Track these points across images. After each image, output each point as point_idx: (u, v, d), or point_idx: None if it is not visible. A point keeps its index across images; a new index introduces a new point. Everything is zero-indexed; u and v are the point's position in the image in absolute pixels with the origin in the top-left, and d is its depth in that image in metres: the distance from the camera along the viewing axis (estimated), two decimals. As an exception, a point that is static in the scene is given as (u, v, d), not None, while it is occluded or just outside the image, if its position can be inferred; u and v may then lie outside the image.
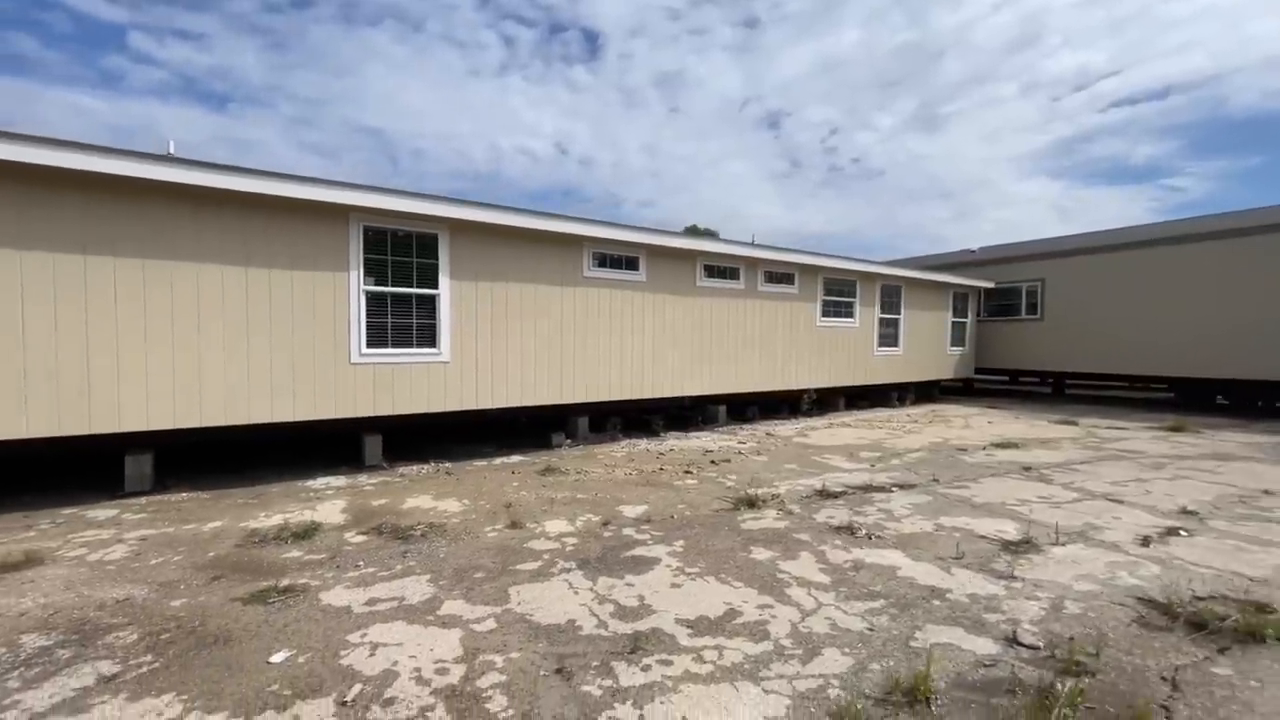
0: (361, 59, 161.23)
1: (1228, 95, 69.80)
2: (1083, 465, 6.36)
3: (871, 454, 7.02)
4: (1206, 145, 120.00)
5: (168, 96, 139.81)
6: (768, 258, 9.14)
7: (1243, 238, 10.40)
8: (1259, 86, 67.56)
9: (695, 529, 4.19)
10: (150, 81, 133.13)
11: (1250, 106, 75.83)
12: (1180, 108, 70.21)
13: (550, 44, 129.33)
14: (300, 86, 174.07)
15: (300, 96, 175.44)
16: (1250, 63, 64.49)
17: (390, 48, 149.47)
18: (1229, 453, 7.07)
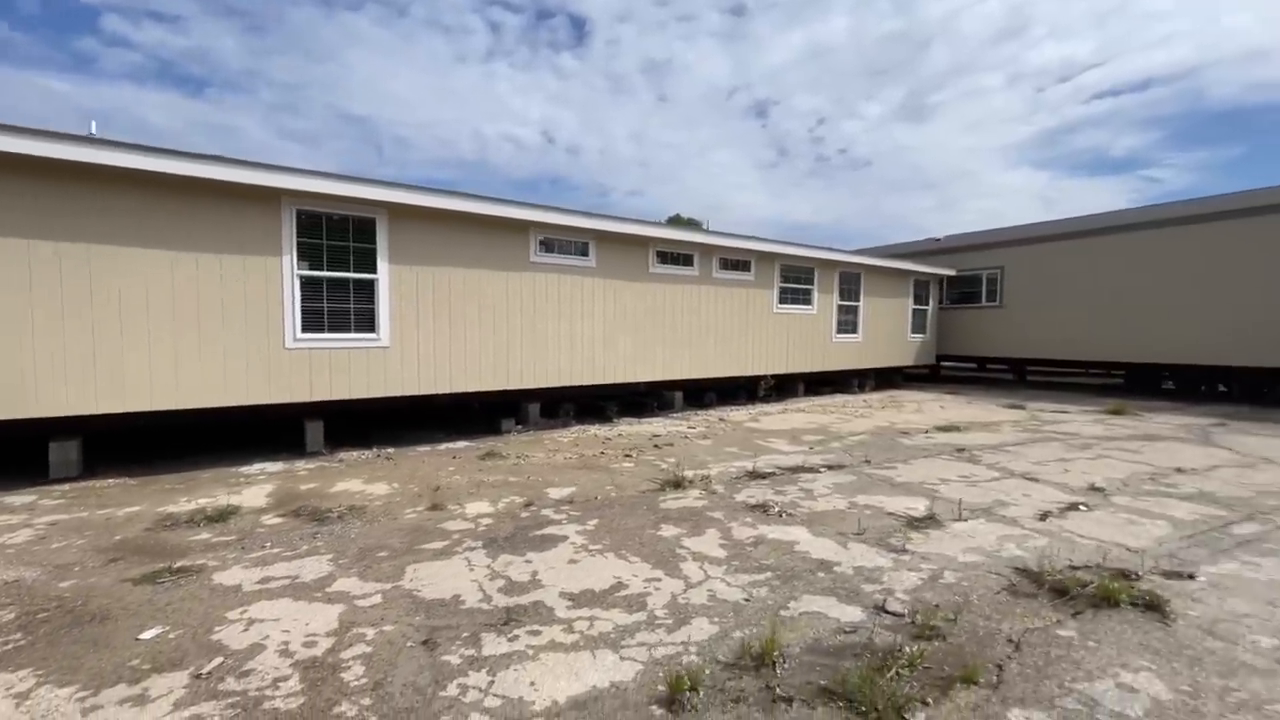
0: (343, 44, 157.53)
1: (1206, 87, 71.14)
2: (1014, 447, 6.53)
3: (815, 437, 7.14)
4: (1186, 137, 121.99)
5: (143, 80, 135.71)
6: (722, 244, 9.18)
7: (1184, 226, 10.64)
8: (1237, 79, 68.72)
9: (614, 509, 4.25)
10: (124, 65, 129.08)
11: (1229, 99, 77.18)
12: (1161, 100, 71.41)
13: (537, 30, 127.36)
14: (280, 72, 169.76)
15: (280, 82, 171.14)
16: (1228, 55, 65.56)
17: (372, 32, 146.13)
18: (1157, 434, 7.29)
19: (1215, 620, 2.56)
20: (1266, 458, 5.96)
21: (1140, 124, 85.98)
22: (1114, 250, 11.66)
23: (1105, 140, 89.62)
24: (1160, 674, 2.16)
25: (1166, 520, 3.94)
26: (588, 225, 7.54)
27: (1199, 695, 2.03)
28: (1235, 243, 10.07)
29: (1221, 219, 10.24)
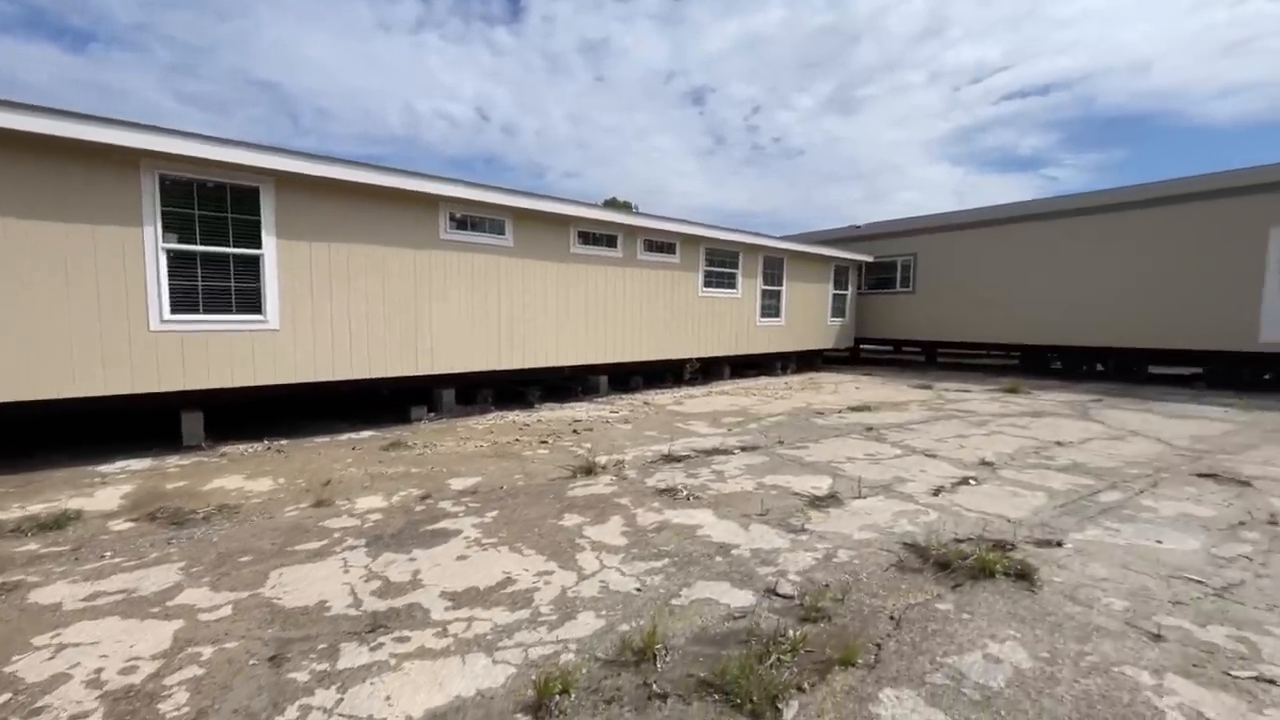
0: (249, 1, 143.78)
1: (1099, 95, 78.35)
2: (919, 425, 6.83)
3: (734, 419, 7.20)
4: (1081, 139, 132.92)
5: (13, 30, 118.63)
6: (647, 226, 9.05)
7: (1067, 219, 11.50)
8: (1125, 88, 76.20)
9: (519, 498, 4.06)
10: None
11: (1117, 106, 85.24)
12: (1060, 104, 78.61)
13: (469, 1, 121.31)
14: (177, 29, 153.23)
15: (178, 41, 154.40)
16: (1118, 66, 72.26)
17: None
18: (1044, 410, 7.87)
19: (1077, 585, 2.70)
20: (1133, 430, 6.53)
21: (1042, 126, 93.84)
22: (1009, 240, 12.47)
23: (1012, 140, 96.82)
24: (1024, 642, 2.23)
25: (1044, 491, 4.19)
26: (504, 202, 7.18)
27: (1056, 661, 2.11)
28: (1109, 235, 10.99)
29: (1099, 213, 11.13)
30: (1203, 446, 5.69)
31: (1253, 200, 9.33)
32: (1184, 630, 2.31)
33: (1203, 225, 9.86)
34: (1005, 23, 66.06)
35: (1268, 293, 9.20)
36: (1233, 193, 9.55)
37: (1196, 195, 9.93)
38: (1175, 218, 10.18)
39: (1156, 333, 10.47)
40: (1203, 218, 9.86)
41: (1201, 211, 9.88)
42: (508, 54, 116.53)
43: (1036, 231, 12.06)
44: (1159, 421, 7.04)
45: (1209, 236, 9.79)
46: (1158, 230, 10.40)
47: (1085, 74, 71.81)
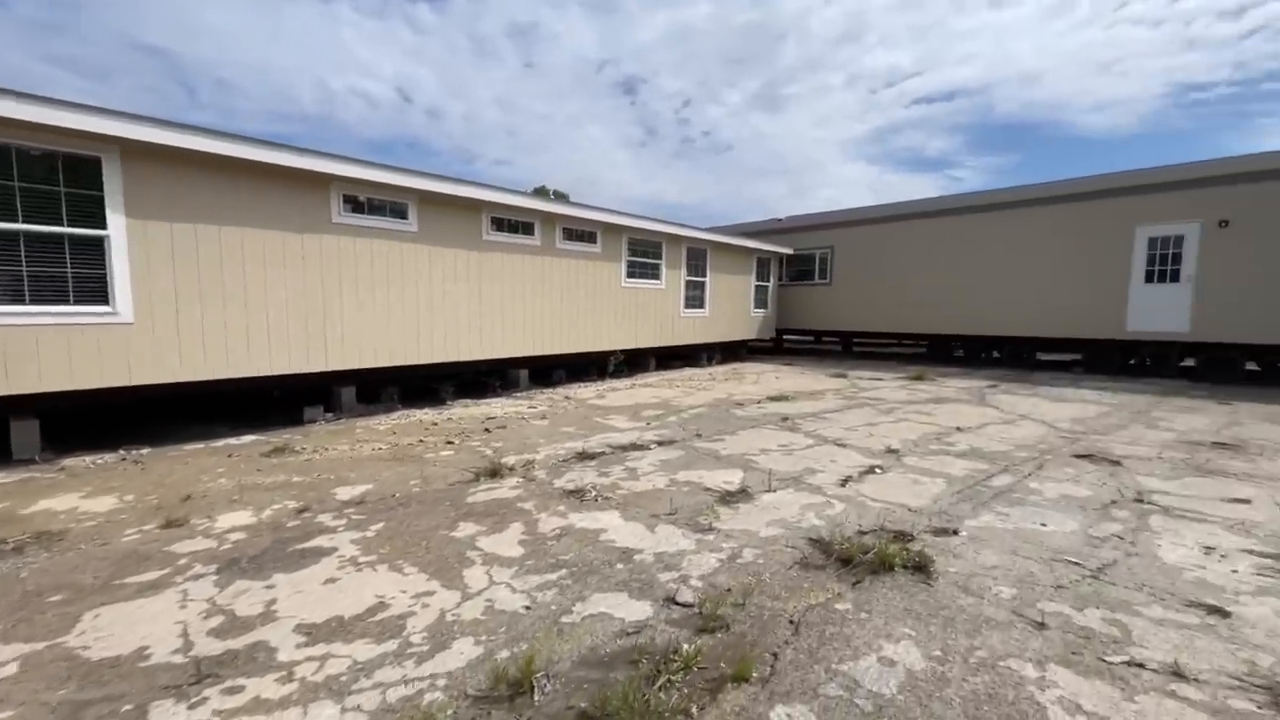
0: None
1: (995, 103, 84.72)
2: (832, 414, 6.99)
3: (655, 412, 7.08)
4: (979, 144, 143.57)
5: None
6: (566, 214, 8.73)
7: (964, 215, 12.26)
8: (1017, 98, 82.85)
9: (411, 508, 3.71)
10: None
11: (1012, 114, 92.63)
12: (962, 110, 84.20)
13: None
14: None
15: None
16: (1012, 77, 78.46)
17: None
18: (947, 396, 8.30)
19: (970, 575, 2.73)
20: (1023, 414, 6.97)
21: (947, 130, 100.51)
22: (915, 235, 13.14)
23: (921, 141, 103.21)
24: (918, 640, 2.19)
25: (944, 478, 4.32)
26: (405, 184, 6.64)
27: (947, 659, 2.07)
28: (1002, 231, 11.80)
29: (992, 210, 11.92)
30: (1080, 428, 6.14)
31: (1121, 202, 10.26)
32: (1064, 616, 2.36)
33: (1081, 224, 10.75)
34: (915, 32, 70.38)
35: (1133, 286, 10.17)
36: (1105, 194, 10.46)
37: (1075, 196, 10.80)
38: (1057, 216, 11.04)
39: (1043, 323, 11.35)
40: (1080, 217, 10.75)
41: (1079, 211, 10.76)
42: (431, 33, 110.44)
43: (939, 227, 12.76)
44: (1045, 405, 7.58)
45: (1086, 234, 10.69)
46: (1043, 228, 11.25)
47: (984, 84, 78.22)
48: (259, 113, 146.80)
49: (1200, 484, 4.15)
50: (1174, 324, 9.75)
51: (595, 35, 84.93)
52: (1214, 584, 2.65)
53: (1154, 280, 9.95)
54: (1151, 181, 9.85)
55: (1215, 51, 62.62)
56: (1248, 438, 5.67)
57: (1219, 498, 3.85)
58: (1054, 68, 70.90)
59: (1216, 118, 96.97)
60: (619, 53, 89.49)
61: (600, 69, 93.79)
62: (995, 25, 64.29)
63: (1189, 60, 63.11)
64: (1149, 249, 9.95)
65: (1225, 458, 4.91)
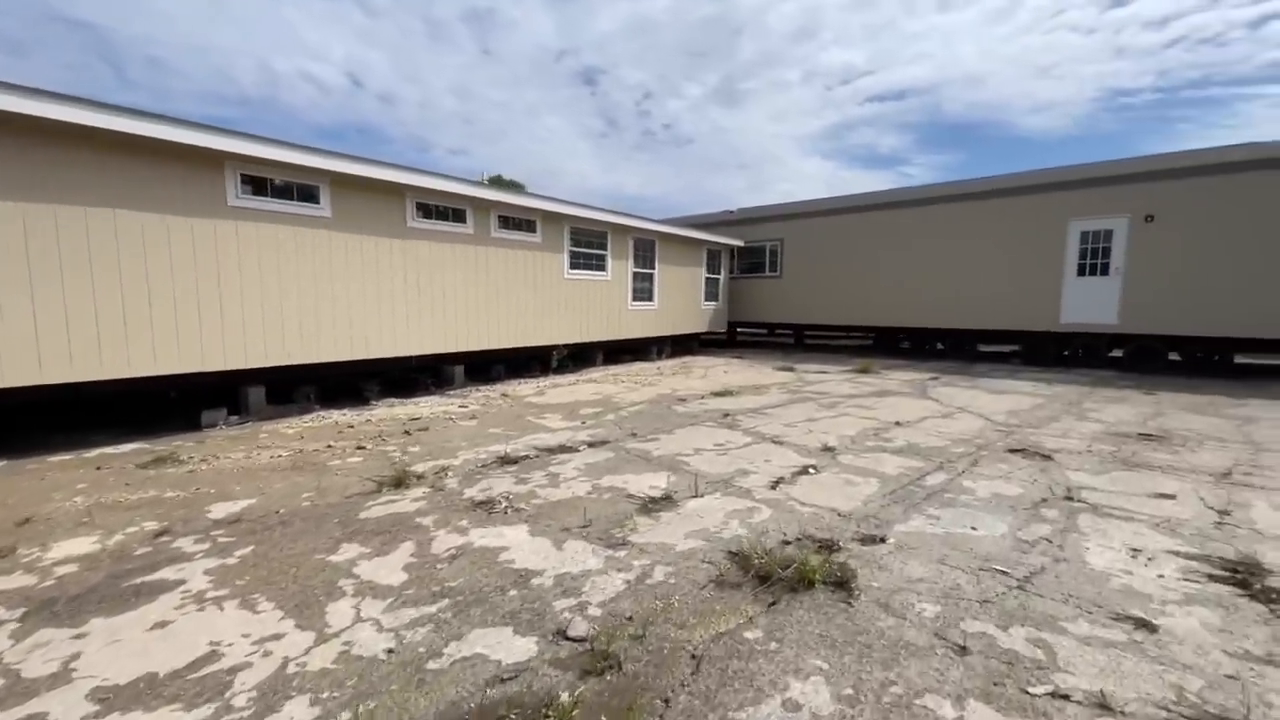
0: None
1: (942, 103, 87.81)
2: (774, 409, 6.82)
3: (594, 410, 6.76)
4: (928, 142, 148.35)
5: None
6: (500, 200, 8.26)
7: (909, 208, 12.38)
8: (964, 99, 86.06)
9: (292, 526, 3.28)
10: None
11: (957, 114, 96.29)
12: (913, 109, 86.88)
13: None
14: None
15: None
16: (958, 78, 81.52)
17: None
18: (890, 389, 8.28)
19: (893, 591, 2.53)
20: (961, 406, 6.97)
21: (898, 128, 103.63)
22: (862, 227, 13.20)
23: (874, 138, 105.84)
24: (830, 675, 1.96)
25: (877, 478, 4.16)
26: (314, 164, 6.07)
27: (859, 699, 1.84)
28: (945, 225, 11.96)
29: (935, 204, 12.06)
30: (1015, 421, 6.15)
31: (1056, 196, 10.50)
32: (988, 638, 2.17)
33: (1019, 218, 10.97)
34: (868, 31, 72.35)
35: (1067, 279, 10.45)
36: (1041, 189, 10.68)
37: (1013, 190, 11.01)
38: (997, 210, 11.24)
39: (985, 315, 11.57)
40: (1019, 211, 10.97)
41: (1018, 205, 10.98)
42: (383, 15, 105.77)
43: (884, 220, 12.85)
44: (984, 398, 7.63)
45: (1024, 228, 10.92)
46: (984, 221, 11.44)
47: (933, 84, 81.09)
48: (195, 94, 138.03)
49: (1127, 479, 4.12)
50: (1104, 316, 10.06)
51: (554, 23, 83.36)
52: (1141, 591, 2.53)
53: (1086, 273, 10.23)
54: (1084, 177, 10.10)
55: (1141, 60, 67.03)
56: (1171, 428, 5.78)
57: (1145, 493, 3.81)
58: (997, 70, 74.30)
59: (1142, 122, 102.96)
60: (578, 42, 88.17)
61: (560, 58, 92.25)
62: (943, 27, 66.82)
63: (1118, 67, 67.41)
64: (1081, 243, 10.22)
65: (1150, 449, 4.95)
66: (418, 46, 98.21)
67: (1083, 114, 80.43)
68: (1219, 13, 50.02)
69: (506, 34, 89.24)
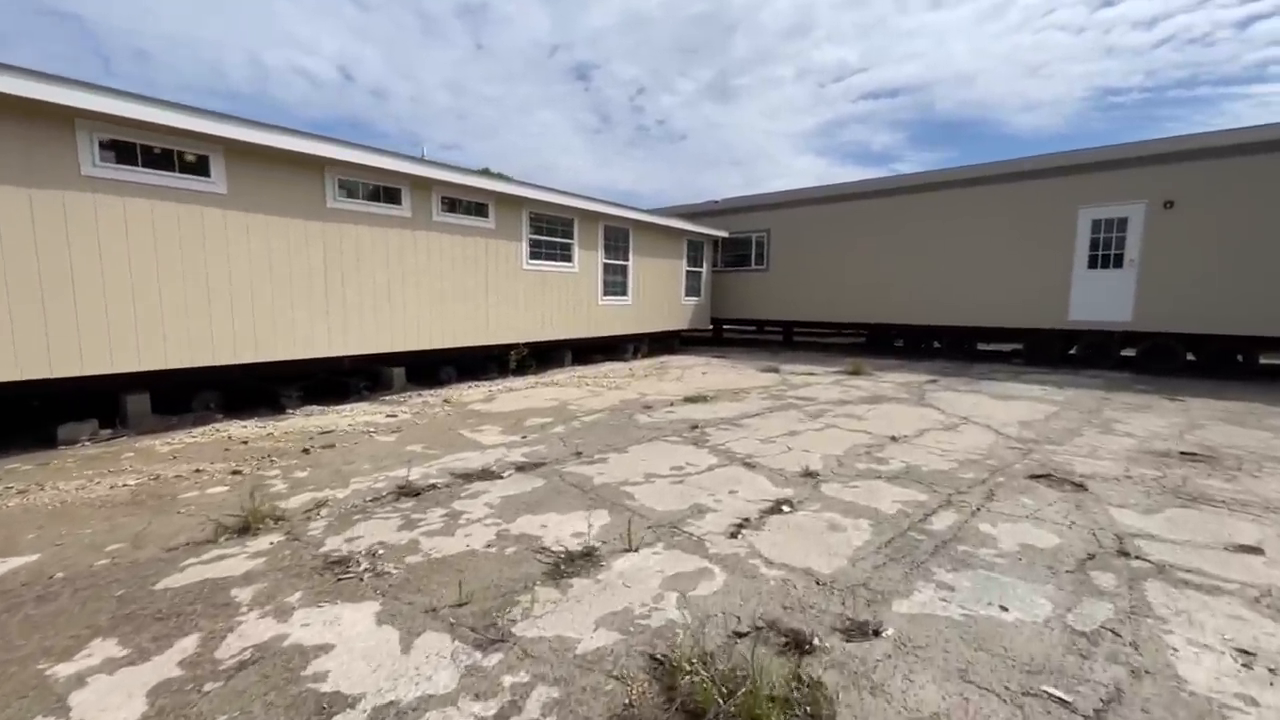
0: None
1: (935, 100, 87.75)
2: (752, 419, 5.91)
3: (543, 420, 5.82)
4: (920, 139, 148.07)
5: None
6: (443, 179, 7.27)
7: (903, 196, 11.47)
8: (955, 97, 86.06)
9: (49, 604, 2.33)
10: None
11: (950, 112, 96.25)
12: (905, 106, 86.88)
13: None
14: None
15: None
16: (949, 77, 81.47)
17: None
18: (883, 394, 7.38)
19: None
20: (965, 416, 6.08)
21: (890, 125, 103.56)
22: (853, 217, 12.30)
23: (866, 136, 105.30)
24: None
25: (869, 519, 3.24)
26: (198, 128, 5.07)
27: None
28: (942, 214, 11.07)
29: (932, 190, 11.17)
30: (1030, 434, 5.26)
31: (1065, 182, 9.63)
32: None
33: (1024, 206, 10.10)
34: (860, 29, 72.23)
35: (1076, 272, 9.59)
36: (1048, 174, 9.81)
37: (1017, 176, 10.13)
38: (999, 198, 10.36)
39: (985, 311, 10.71)
40: (1023, 198, 10.10)
41: (1022, 192, 10.10)
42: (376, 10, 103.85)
43: (878, 209, 11.95)
44: (989, 404, 6.74)
45: (1029, 217, 10.05)
46: (985, 210, 10.57)
47: (925, 82, 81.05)
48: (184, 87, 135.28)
49: (1189, 520, 3.23)
50: (1116, 312, 9.21)
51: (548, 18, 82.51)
52: (1278, 739, 1.62)
53: (1097, 266, 9.37)
54: (1096, 160, 9.23)
55: (1130, 59, 67.24)
56: (1216, 445, 4.90)
57: (1220, 544, 2.91)
58: (988, 69, 74.38)
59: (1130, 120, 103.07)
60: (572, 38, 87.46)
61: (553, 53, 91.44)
62: (935, 26, 66.62)
63: (1107, 66, 67.67)
64: (1092, 232, 9.36)
65: (1202, 475, 4.06)
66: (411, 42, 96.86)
67: (1072, 112, 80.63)
68: (1207, 13, 50.55)
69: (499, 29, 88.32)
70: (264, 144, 5.52)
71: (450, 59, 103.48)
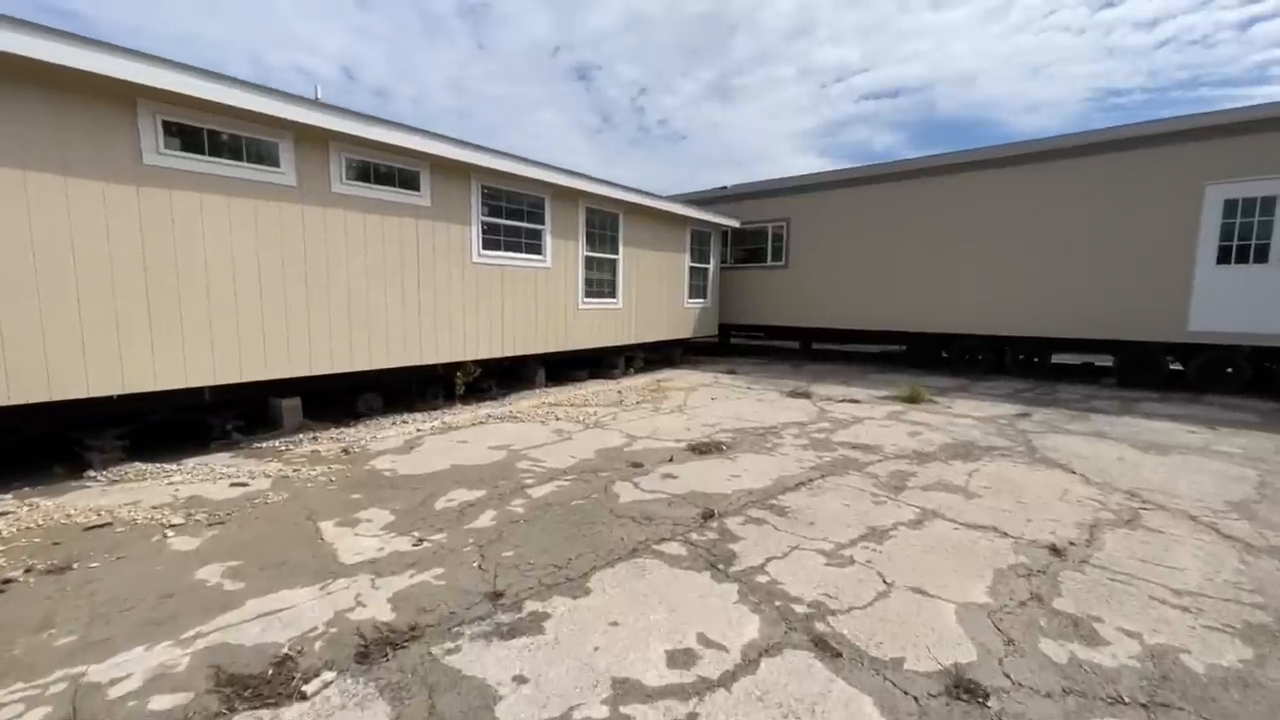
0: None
1: (936, 101, 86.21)
2: (796, 495, 3.76)
3: (466, 496, 3.69)
4: (921, 141, 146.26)
5: None
6: (346, 132, 5.09)
7: (962, 175, 9.25)
8: (955, 97, 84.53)
9: None
10: None
11: (950, 113, 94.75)
12: (905, 107, 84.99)
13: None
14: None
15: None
16: (951, 77, 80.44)
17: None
18: (969, 439, 5.22)
19: None
20: (1132, 490, 3.93)
21: (891, 125, 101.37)
22: (897, 202, 10.11)
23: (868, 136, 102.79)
24: None
25: None
26: None
27: None
28: (1010, 196, 8.90)
29: (998, 167, 8.99)
30: (1265, 535, 3.12)
31: (1186, 151, 7.44)
32: None
33: (1128, 183, 7.90)
34: (861, 30, 71.47)
35: (1200, 269, 7.41)
36: (1163, 140, 7.62)
37: (1122, 144, 7.94)
38: (1096, 173, 8.17)
39: (1067, 318, 8.54)
40: (1128, 174, 7.90)
41: (1127, 166, 7.90)
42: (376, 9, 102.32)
43: (930, 191, 9.77)
44: (1142, 461, 4.58)
45: (1135, 197, 7.85)
46: (1073, 190, 8.39)
47: (927, 82, 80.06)
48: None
49: None
50: (1262, 321, 7.01)
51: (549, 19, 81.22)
52: None
53: (1231, 260, 7.19)
54: (1232, 122, 7.04)
55: (1131, 60, 66.31)
56: None
57: None
58: (990, 69, 73.49)
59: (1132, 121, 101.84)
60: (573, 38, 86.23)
61: (554, 53, 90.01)
62: (936, 26, 65.87)
63: (1109, 67, 66.69)
64: (1225, 215, 7.18)
65: None
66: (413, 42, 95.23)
67: (1074, 114, 78.82)
68: (1208, 14, 50.19)
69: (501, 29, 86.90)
70: (20, 54, 3.37)
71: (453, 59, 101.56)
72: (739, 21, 70.18)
